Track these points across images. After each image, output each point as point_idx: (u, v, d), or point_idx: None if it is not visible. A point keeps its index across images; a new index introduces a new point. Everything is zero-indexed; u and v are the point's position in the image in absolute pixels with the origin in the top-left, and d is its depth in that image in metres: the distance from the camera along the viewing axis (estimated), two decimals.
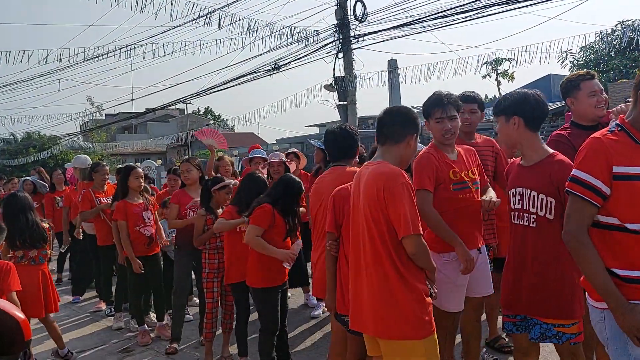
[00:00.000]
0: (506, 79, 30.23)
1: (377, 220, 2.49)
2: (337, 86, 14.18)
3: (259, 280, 3.88)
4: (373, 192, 2.50)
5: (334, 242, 3.05)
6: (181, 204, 4.83)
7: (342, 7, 13.70)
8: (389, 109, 2.78)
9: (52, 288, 4.58)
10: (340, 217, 3.02)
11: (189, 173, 4.95)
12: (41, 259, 4.51)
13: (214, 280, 4.43)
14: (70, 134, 30.10)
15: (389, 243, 2.47)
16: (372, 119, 39.84)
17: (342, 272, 3.02)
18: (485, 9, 11.31)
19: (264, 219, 3.75)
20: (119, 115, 35.50)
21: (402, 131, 2.64)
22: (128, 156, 36.94)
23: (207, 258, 4.46)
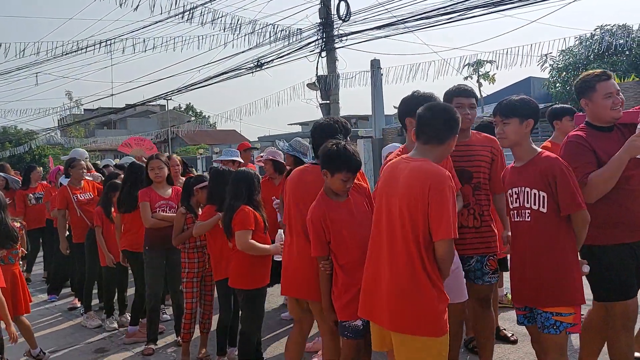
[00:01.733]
0: (487, 81, 30.52)
1: (414, 217, 2.47)
2: (320, 85, 14.16)
3: (248, 282, 3.82)
4: (417, 189, 2.46)
5: (326, 262, 3.05)
6: (151, 202, 4.67)
7: (325, 6, 13.67)
8: (433, 106, 2.70)
9: (23, 289, 4.45)
10: (328, 235, 3.01)
11: (160, 170, 4.75)
12: (11, 259, 4.38)
13: (193, 280, 4.38)
14: (47, 129, 29.57)
15: (421, 241, 2.47)
16: (354, 118, 39.91)
17: (338, 280, 3.02)
18: (468, 11, 11.40)
19: (248, 221, 3.72)
20: (98, 111, 34.96)
21: (447, 132, 2.62)
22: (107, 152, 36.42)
23: (187, 257, 4.39)
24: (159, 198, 4.72)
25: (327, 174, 3.01)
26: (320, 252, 3.03)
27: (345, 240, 3.01)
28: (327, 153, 3.01)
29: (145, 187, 4.79)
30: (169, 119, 44.92)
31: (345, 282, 3.00)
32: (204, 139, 39.83)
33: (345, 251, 3.01)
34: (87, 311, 5.68)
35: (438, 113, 2.65)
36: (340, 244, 3.01)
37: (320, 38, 13.94)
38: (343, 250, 3.02)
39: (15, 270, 4.43)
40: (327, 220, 2.98)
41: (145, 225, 4.67)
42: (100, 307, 5.92)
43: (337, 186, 3.02)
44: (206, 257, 4.42)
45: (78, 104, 28.18)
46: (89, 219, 5.80)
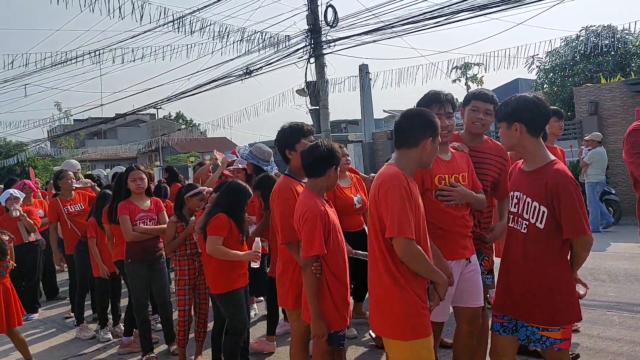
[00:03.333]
0: (475, 83, 30.73)
1: (374, 218, 2.55)
2: (309, 91, 14.22)
3: (221, 286, 3.92)
4: (374, 191, 2.57)
5: (317, 263, 2.91)
6: (131, 214, 4.61)
7: (313, 13, 13.75)
8: (407, 112, 2.74)
9: (14, 302, 4.44)
10: (326, 233, 2.94)
11: (141, 181, 4.70)
12: (2, 272, 4.38)
13: (185, 287, 4.41)
14: (37, 140, 29.39)
15: (381, 242, 2.51)
16: (344, 123, 40.00)
17: (332, 289, 2.95)
18: (455, 15, 11.52)
19: (221, 228, 3.82)
20: (88, 121, 34.79)
21: (416, 135, 2.61)
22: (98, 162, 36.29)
23: (178, 265, 4.44)
24: (139, 210, 4.67)
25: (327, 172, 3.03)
26: (320, 249, 2.87)
27: (338, 245, 2.99)
28: (323, 152, 3.02)
29: (124, 200, 4.72)
30: (159, 127, 44.77)
31: (342, 292, 2.97)
32: (195, 147, 39.74)
33: (339, 257, 2.98)
34: (80, 323, 5.66)
35: (409, 117, 2.69)
36: (335, 247, 2.97)
37: (308, 44, 14.01)
38: (337, 254, 2.98)
39: (7, 282, 4.43)
40: (326, 216, 2.95)
41: (126, 239, 4.62)
42: (94, 318, 5.91)
43: (333, 180, 3.10)
44: (197, 265, 4.45)
45: (67, 115, 28.02)
46: (80, 231, 5.80)
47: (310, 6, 13.80)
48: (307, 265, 2.89)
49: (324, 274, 2.92)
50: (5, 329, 4.34)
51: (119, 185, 4.93)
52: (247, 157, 5.12)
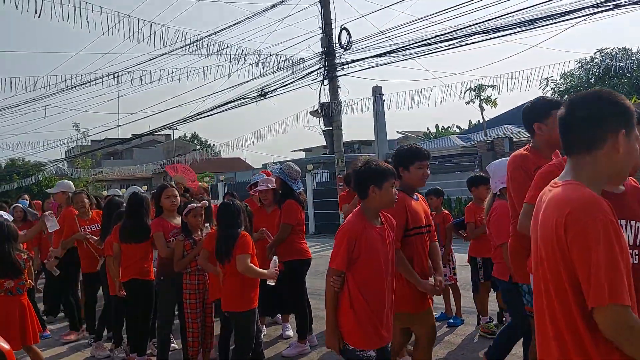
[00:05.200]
0: (489, 105, 30.72)
1: (554, 273, 1.63)
2: (322, 112, 14.37)
3: (243, 304, 4.04)
4: (551, 228, 1.63)
5: (338, 277, 2.93)
6: (165, 231, 4.74)
7: (327, 36, 13.97)
8: (575, 98, 1.82)
9: (31, 319, 4.48)
10: (357, 252, 2.90)
11: (175, 199, 4.85)
12: (19, 290, 4.42)
13: (196, 302, 4.57)
14: (55, 160, 29.87)
15: (574, 309, 1.58)
16: (357, 144, 40.11)
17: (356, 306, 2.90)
18: (468, 37, 11.62)
19: (248, 246, 3.99)
20: (104, 141, 35.34)
21: (598, 129, 1.69)
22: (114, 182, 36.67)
23: (188, 280, 4.58)
24: (172, 227, 4.78)
25: (375, 189, 2.95)
26: (342, 265, 2.90)
27: (374, 265, 2.93)
28: (374, 168, 2.98)
29: (157, 217, 4.87)
30: (174, 148, 45.26)
31: (367, 309, 2.90)
32: (209, 168, 40.06)
33: (372, 276, 2.93)
34: (97, 341, 5.70)
35: (582, 105, 1.76)
36: (369, 266, 2.91)
37: (322, 66, 14.20)
38: (370, 273, 2.92)
39: (24, 300, 4.47)
40: (362, 237, 2.90)
41: (162, 255, 4.75)
42: (108, 337, 5.93)
43: (389, 196, 3.00)
44: (206, 280, 4.62)
45: (85, 135, 28.51)
46: (95, 250, 5.87)
47: (324, 29, 14.02)
48: (328, 274, 2.96)
49: (347, 290, 2.91)
50: (20, 346, 4.38)
51: (132, 206, 5.04)
52: (276, 172, 5.34)
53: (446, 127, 41.07)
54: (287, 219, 5.18)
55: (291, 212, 5.20)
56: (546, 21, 10.46)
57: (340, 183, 14.48)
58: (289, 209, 5.20)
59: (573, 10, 10.07)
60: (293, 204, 5.23)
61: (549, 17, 10.40)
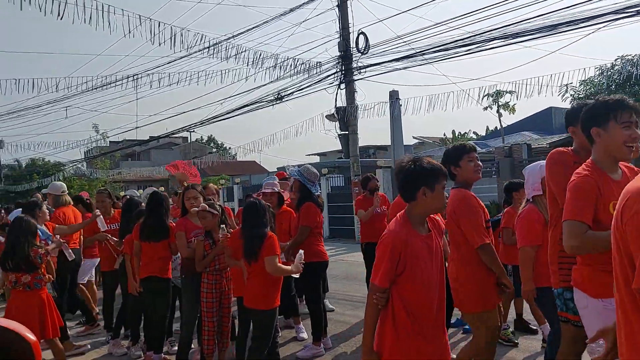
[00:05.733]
0: (507, 111, 30.48)
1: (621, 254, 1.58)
2: (338, 116, 14.39)
3: (269, 303, 4.10)
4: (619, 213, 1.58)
5: (382, 294, 2.57)
6: (187, 231, 4.82)
7: (345, 40, 14.01)
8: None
9: (50, 313, 4.57)
10: (402, 266, 2.55)
11: (196, 200, 4.91)
12: (37, 285, 4.50)
13: (213, 301, 4.63)
14: (74, 161, 30.28)
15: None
16: (372, 149, 40.06)
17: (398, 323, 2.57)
18: (487, 43, 11.56)
19: (276, 247, 4.05)
20: (123, 143, 35.72)
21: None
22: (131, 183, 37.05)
23: (206, 279, 4.64)
24: (194, 227, 4.84)
25: (427, 191, 2.57)
26: (385, 281, 2.55)
27: (421, 279, 2.58)
28: (426, 166, 2.59)
29: (182, 217, 4.97)
30: (191, 150, 45.64)
31: (410, 328, 2.56)
32: (225, 170, 40.29)
33: (418, 290, 2.58)
34: (114, 338, 5.78)
35: None
36: (414, 281, 2.57)
37: (339, 70, 14.24)
38: (417, 288, 2.58)
39: (43, 294, 4.56)
40: (408, 248, 2.55)
41: (182, 255, 4.82)
42: (125, 334, 6.00)
43: (441, 200, 2.63)
44: (223, 281, 4.69)
45: (104, 137, 28.88)
46: (114, 249, 5.95)
47: (342, 33, 14.07)
48: (370, 291, 2.63)
49: (391, 306, 2.59)
50: (40, 340, 4.44)
51: (152, 204, 5.15)
52: (294, 174, 5.39)
53: (463, 133, 40.86)
54: (305, 222, 5.20)
55: (309, 215, 5.23)
56: (567, 27, 10.38)
57: (355, 187, 14.48)
58: (308, 212, 5.23)
59: (594, 16, 9.99)
60: (311, 206, 5.26)
61: (570, 23, 10.32)
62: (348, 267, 9.85)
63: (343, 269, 9.82)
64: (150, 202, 5.23)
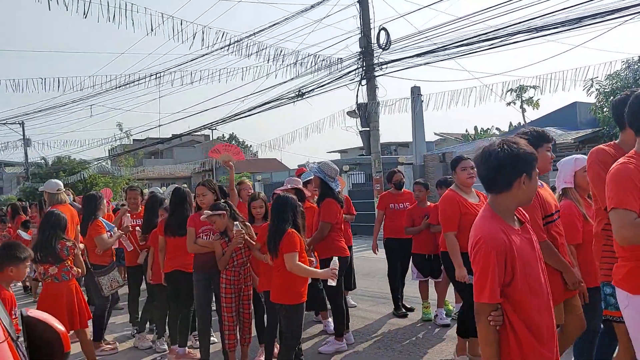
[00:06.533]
0: (531, 106, 30.06)
1: None
2: (360, 112, 14.34)
3: (287, 298, 4.11)
4: None
5: (497, 313, 2.16)
6: (196, 227, 4.87)
7: (366, 36, 13.94)
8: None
9: (79, 305, 4.68)
10: (509, 273, 2.15)
11: (204, 197, 4.94)
12: (64, 277, 4.63)
13: (232, 296, 4.67)
14: (99, 159, 30.82)
15: None
16: (394, 145, 39.87)
17: (523, 342, 2.16)
18: (510, 37, 11.38)
19: (295, 244, 4.02)
20: (146, 141, 36.20)
21: None
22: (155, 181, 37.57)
23: (224, 275, 4.68)
24: (203, 223, 4.87)
25: (526, 180, 2.21)
26: (495, 295, 2.12)
27: (533, 281, 2.19)
28: (527, 150, 2.22)
29: (195, 213, 5.02)
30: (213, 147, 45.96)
31: (535, 342, 2.15)
32: (247, 168, 40.54)
33: (533, 296, 2.17)
34: (140, 332, 5.88)
35: None
36: (527, 286, 2.16)
37: (360, 67, 14.18)
38: (531, 293, 2.16)
39: (71, 285, 4.67)
40: (512, 249, 2.14)
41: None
42: (150, 328, 6.10)
43: (535, 188, 2.28)
44: (242, 277, 4.70)
45: (128, 135, 29.31)
46: (137, 244, 6.04)
47: (363, 29, 14.01)
48: (480, 313, 2.18)
49: (507, 323, 2.17)
50: (68, 331, 4.55)
51: (176, 200, 5.24)
52: (314, 170, 5.41)
53: (485, 129, 40.41)
54: (326, 217, 5.22)
55: (330, 211, 5.24)
56: (592, 20, 10.17)
57: (376, 184, 14.43)
58: (328, 208, 5.24)
59: (620, 8, 9.76)
60: (332, 202, 5.27)
61: (595, 16, 10.10)
62: (369, 264, 9.81)
63: (364, 266, 9.80)
64: (173, 198, 5.32)
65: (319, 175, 5.35)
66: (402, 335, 5.65)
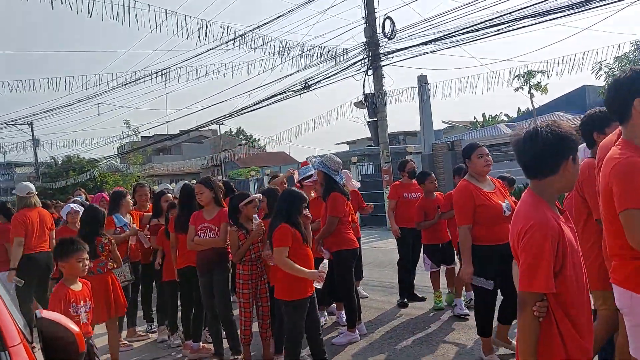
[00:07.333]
0: (539, 91, 29.73)
1: None
2: (367, 103, 14.28)
3: (287, 294, 4.10)
4: None
5: (543, 302, 2.06)
6: (195, 225, 4.88)
7: (371, 25, 13.85)
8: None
9: (115, 295, 4.90)
10: (559, 262, 2.06)
11: (201, 195, 4.93)
12: (99, 270, 4.84)
13: (248, 291, 4.69)
14: (108, 157, 30.99)
15: None
16: (402, 135, 39.72)
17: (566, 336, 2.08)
18: (517, 22, 11.25)
19: (285, 239, 4.01)
20: (154, 138, 36.35)
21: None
22: (164, 177, 37.72)
23: (241, 269, 4.70)
24: (201, 221, 4.88)
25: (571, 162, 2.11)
26: (549, 283, 2.02)
27: (577, 273, 2.12)
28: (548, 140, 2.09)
29: (197, 211, 5.01)
30: (221, 143, 46.12)
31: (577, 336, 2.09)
32: (255, 162, 40.62)
33: (577, 289, 2.11)
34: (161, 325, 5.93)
35: None
36: (572, 278, 2.09)
37: (366, 57, 14.10)
38: (575, 286, 2.10)
39: (107, 278, 4.89)
40: (563, 241, 2.06)
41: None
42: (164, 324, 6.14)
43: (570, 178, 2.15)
44: (258, 270, 4.73)
45: (136, 132, 29.41)
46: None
47: (367, 19, 13.92)
48: (526, 303, 2.07)
49: (551, 314, 2.08)
50: (107, 318, 4.82)
51: (183, 197, 5.28)
52: (317, 165, 5.40)
53: (494, 116, 40.15)
54: (333, 212, 5.19)
55: (337, 205, 5.21)
56: (600, 2, 10.03)
57: (385, 175, 14.39)
58: (335, 202, 5.22)
59: None
60: (338, 196, 5.24)
61: None
62: (380, 254, 9.83)
63: (375, 256, 9.81)
64: (181, 195, 5.33)
65: (323, 169, 5.30)
66: (414, 324, 5.65)
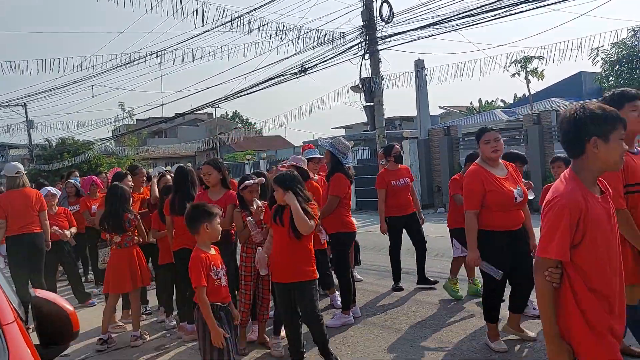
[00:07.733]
0: (536, 77, 29.70)
1: None
2: (363, 87, 14.23)
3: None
4: None
5: (556, 269, 2.17)
6: None
7: (368, 9, 13.75)
8: None
9: (140, 267, 5.29)
10: (578, 236, 2.14)
11: (209, 176, 4.95)
12: (126, 244, 5.25)
13: (250, 274, 4.75)
14: (102, 139, 30.83)
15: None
16: (398, 120, 39.66)
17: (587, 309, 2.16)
18: (514, 7, 11.21)
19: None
20: (149, 120, 36.17)
21: None
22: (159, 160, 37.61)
23: (245, 252, 4.77)
24: (206, 201, 4.88)
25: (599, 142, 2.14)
26: (562, 252, 2.13)
27: (602, 250, 2.17)
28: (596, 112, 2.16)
29: (202, 192, 5.05)
30: (216, 126, 45.95)
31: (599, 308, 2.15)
32: (251, 145, 40.51)
33: (601, 264, 2.17)
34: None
35: None
36: (596, 252, 2.15)
37: (363, 41, 14.02)
38: (598, 261, 2.16)
39: (133, 251, 5.30)
40: (587, 213, 2.13)
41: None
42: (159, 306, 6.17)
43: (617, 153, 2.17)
44: None
45: (131, 115, 29.26)
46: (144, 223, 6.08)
47: (365, 2, 13.81)
48: (539, 267, 2.20)
49: (569, 286, 2.18)
50: (131, 288, 5.23)
51: (178, 179, 5.27)
52: (326, 145, 5.45)
53: (490, 102, 40.08)
54: (335, 191, 5.24)
55: (339, 185, 5.26)
56: None
57: (381, 160, 14.38)
58: (338, 182, 5.27)
59: None
60: (341, 177, 5.28)
61: None
62: (375, 238, 9.85)
63: (370, 240, 9.85)
64: (175, 177, 5.33)
65: (331, 149, 5.41)
66: (408, 307, 5.70)
